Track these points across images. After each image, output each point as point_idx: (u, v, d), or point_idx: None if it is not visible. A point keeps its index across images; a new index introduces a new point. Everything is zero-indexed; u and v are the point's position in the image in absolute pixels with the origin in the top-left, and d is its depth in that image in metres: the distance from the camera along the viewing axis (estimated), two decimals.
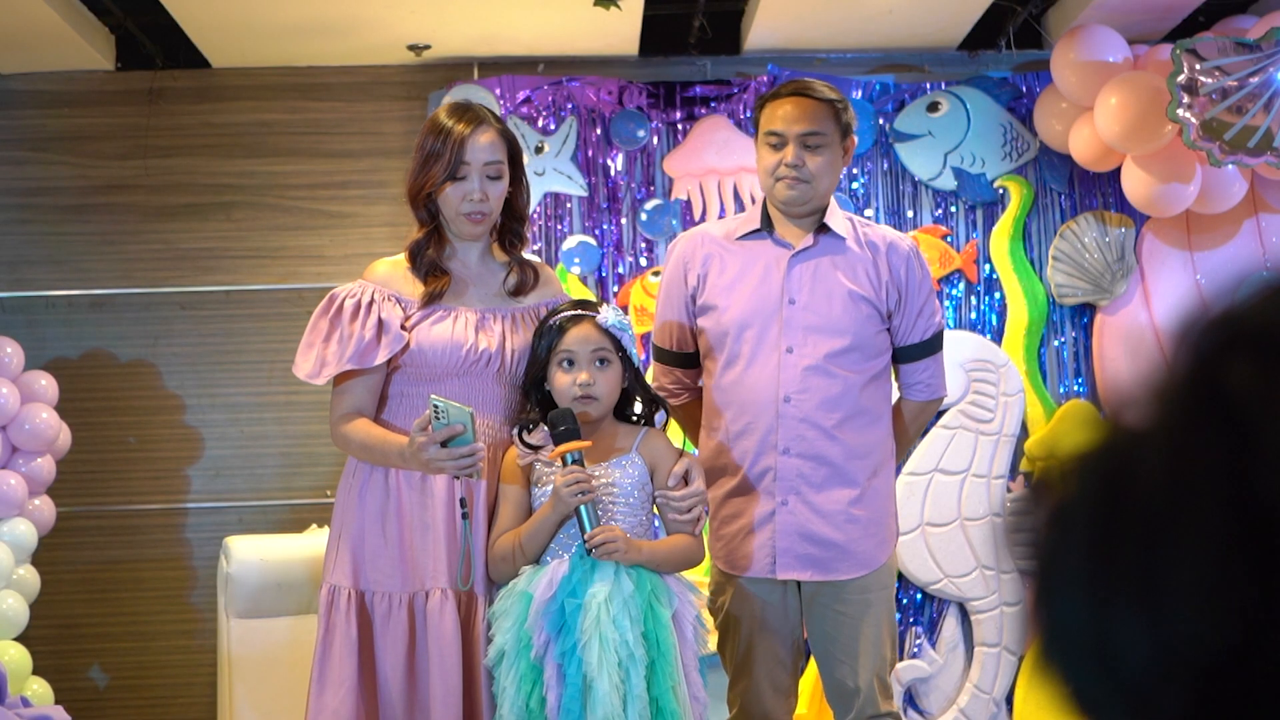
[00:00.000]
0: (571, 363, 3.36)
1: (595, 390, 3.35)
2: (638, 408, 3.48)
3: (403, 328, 3.39)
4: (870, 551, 3.61)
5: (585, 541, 3.24)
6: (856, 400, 3.61)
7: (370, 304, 3.40)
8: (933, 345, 3.74)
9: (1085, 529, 0.77)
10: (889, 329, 3.69)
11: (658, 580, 3.30)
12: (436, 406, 3.19)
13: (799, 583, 3.63)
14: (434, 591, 3.33)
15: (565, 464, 3.28)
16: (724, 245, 3.72)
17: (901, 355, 3.73)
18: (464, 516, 3.32)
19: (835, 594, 3.60)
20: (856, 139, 3.75)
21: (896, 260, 3.66)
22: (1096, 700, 0.77)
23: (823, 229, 3.67)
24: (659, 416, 3.50)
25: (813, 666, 5.19)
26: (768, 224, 3.70)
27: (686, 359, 3.79)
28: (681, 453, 3.46)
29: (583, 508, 3.24)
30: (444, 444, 3.20)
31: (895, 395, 3.86)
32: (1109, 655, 0.75)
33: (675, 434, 3.55)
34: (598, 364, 3.36)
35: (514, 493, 3.38)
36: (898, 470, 5.68)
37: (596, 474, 3.32)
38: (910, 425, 3.81)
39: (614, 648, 3.15)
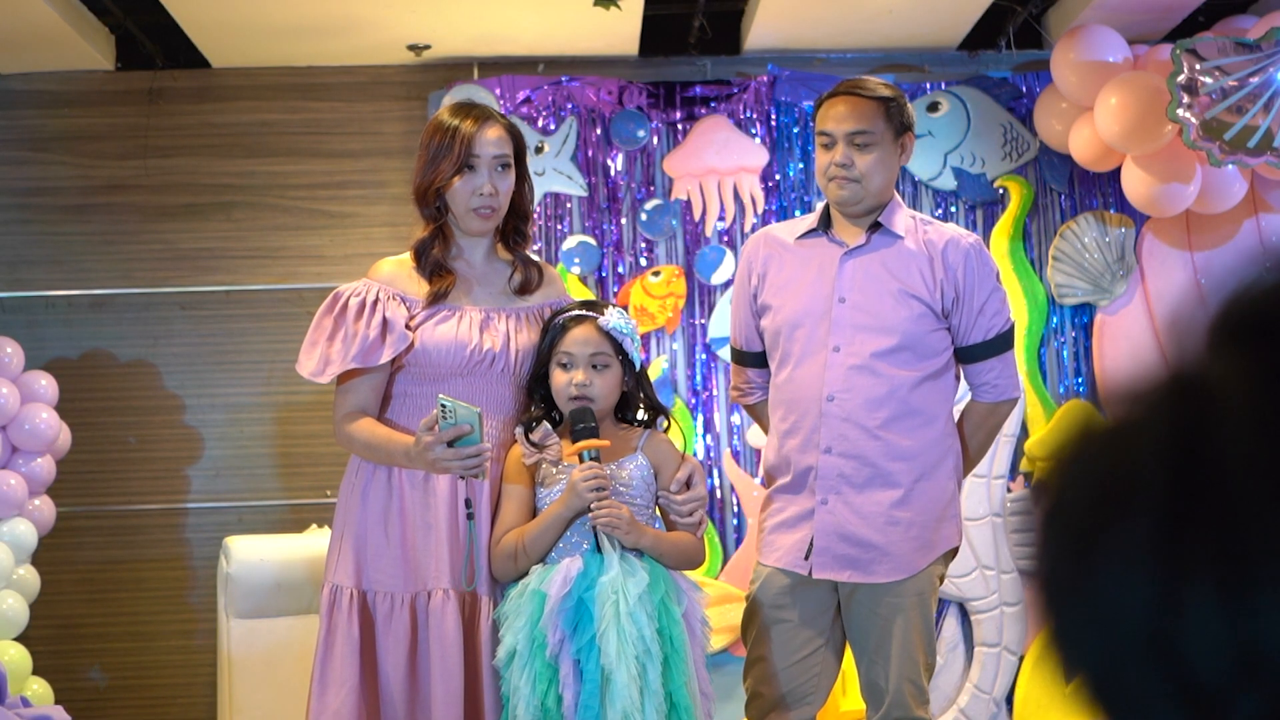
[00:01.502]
0: (569, 363, 3.37)
1: (590, 392, 3.35)
2: (639, 414, 3.48)
3: (407, 327, 3.39)
4: (909, 555, 3.55)
5: (591, 512, 3.24)
6: (905, 400, 3.55)
7: (375, 303, 3.39)
8: (998, 345, 3.63)
9: (1155, 509, 0.69)
10: (948, 328, 3.61)
11: (670, 579, 3.31)
12: (444, 406, 3.18)
13: (835, 582, 3.60)
14: (436, 592, 3.33)
15: (582, 460, 3.28)
16: (784, 245, 3.71)
17: (964, 355, 3.64)
18: (469, 517, 3.32)
19: (871, 595, 3.56)
20: (915, 135, 3.70)
21: (954, 258, 3.58)
22: (1144, 702, 0.69)
23: (875, 227, 3.62)
24: (659, 421, 3.50)
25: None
26: (826, 223, 3.68)
27: (755, 358, 3.78)
28: (684, 456, 3.47)
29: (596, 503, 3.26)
30: (450, 444, 3.20)
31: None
32: (1174, 652, 0.68)
33: (675, 436, 3.55)
34: (595, 367, 3.37)
35: (518, 492, 3.38)
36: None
37: (606, 472, 3.33)
38: (978, 429, 3.70)
39: (632, 642, 3.16)
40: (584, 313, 3.42)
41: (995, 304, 3.62)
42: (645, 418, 3.49)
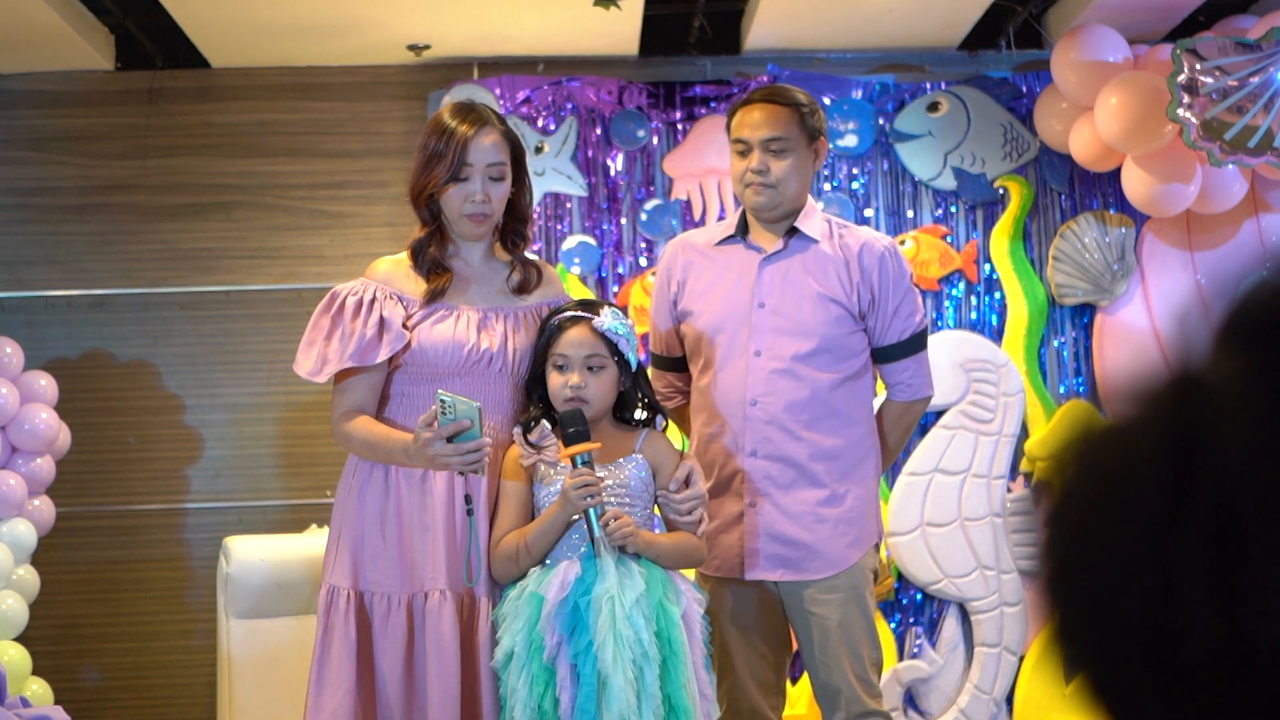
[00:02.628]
0: (565, 365, 3.37)
1: (585, 394, 3.35)
2: (637, 414, 3.48)
3: (405, 326, 3.39)
4: (840, 551, 3.65)
5: (601, 529, 3.23)
6: (827, 402, 3.64)
7: (372, 302, 3.39)
8: (913, 346, 3.73)
9: (1152, 506, 0.69)
10: (865, 330, 3.69)
11: (668, 580, 3.31)
12: (443, 401, 3.17)
13: (776, 582, 3.68)
14: (433, 592, 3.32)
15: (575, 465, 3.28)
16: (703, 252, 3.78)
17: (880, 356, 3.73)
18: (469, 513, 3.32)
19: (809, 594, 3.65)
20: (827, 140, 3.78)
21: (869, 261, 3.66)
22: (1143, 696, 0.70)
23: (792, 232, 3.70)
24: (658, 421, 3.51)
25: None
26: (743, 229, 3.75)
27: (676, 363, 3.85)
28: (682, 455, 3.47)
29: (591, 509, 3.24)
30: (450, 439, 3.20)
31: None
32: (1170, 646, 0.68)
33: (675, 436, 3.55)
34: (590, 368, 3.36)
35: (516, 490, 3.38)
36: (897, 469, 5.68)
37: (603, 475, 3.31)
38: (895, 426, 3.81)
39: (629, 646, 3.16)
40: (579, 314, 3.41)
41: (909, 306, 3.71)
42: (643, 417, 3.49)
